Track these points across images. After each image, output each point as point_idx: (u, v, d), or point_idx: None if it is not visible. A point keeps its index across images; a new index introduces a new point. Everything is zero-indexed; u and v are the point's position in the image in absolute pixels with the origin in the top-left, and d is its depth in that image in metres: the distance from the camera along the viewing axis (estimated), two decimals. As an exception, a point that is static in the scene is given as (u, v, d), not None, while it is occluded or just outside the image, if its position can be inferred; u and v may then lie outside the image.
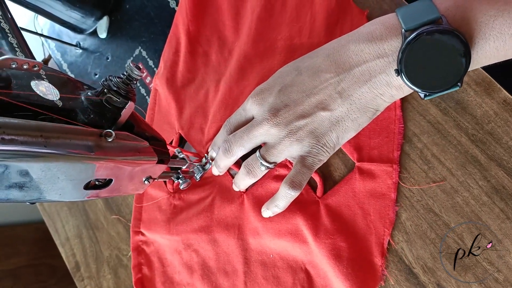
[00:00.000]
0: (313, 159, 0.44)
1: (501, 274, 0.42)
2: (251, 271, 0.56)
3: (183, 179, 0.53)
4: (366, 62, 0.39)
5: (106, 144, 0.35)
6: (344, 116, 0.42)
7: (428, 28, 0.35)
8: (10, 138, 0.27)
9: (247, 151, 0.47)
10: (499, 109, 0.43)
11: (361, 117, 0.42)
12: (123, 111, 0.36)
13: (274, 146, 0.45)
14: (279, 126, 0.44)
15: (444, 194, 0.45)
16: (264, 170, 0.47)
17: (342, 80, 0.41)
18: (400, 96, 0.41)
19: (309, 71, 0.43)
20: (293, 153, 0.45)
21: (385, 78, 0.39)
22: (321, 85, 0.42)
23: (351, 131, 0.43)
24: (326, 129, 0.43)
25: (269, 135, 0.45)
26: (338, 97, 0.41)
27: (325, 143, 0.43)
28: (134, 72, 0.37)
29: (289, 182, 0.45)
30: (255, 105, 0.46)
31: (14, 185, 0.31)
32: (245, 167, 0.48)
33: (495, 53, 0.36)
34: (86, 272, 0.74)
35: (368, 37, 0.39)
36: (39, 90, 0.33)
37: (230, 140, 0.47)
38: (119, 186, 0.41)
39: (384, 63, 0.38)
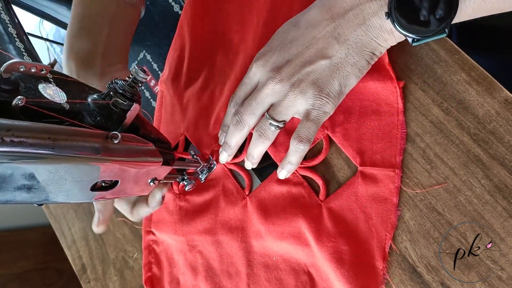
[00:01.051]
0: (318, 111, 0.44)
1: (504, 272, 0.42)
2: (254, 273, 0.56)
3: (188, 181, 0.53)
4: (359, 5, 0.40)
5: (113, 146, 0.36)
6: (343, 62, 0.43)
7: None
8: (19, 140, 0.28)
9: (258, 118, 0.48)
10: (500, 108, 0.44)
11: (360, 61, 0.43)
12: (128, 113, 0.37)
13: (280, 103, 0.46)
14: (282, 82, 0.45)
15: (447, 193, 0.45)
16: (274, 130, 0.47)
17: (338, 26, 0.42)
18: (392, 41, 0.42)
19: (306, 23, 0.44)
20: (299, 107, 0.45)
21: (377, 21, 0.40)
22: (319, 34, 0.43)
23: (352, 77, 0.44)
24: (327, 77, 0.43)
25: (275, 93, 0.45)
26: (335, 43, 0.42)
27: (328, 93, 0.44)
28: (139, 75, 0.38)
29: (296, 137, 0.45)
30: (259, 69, 0.47)
31: (22, 187, 0.32)
32: (256, 131, 0.48)
33: (482, 4, 0.37)
34: (93, 274, 0.74)
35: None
36: (47, 93, 0.34)
37: (239, 110, 0.48)
38: (125, 187, 0.42)
39: (376, 6, 0.39)
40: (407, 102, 0.48)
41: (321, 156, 0.52)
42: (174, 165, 0.47)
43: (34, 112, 0.31)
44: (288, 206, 0.53)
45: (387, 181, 0.48)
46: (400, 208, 0.48)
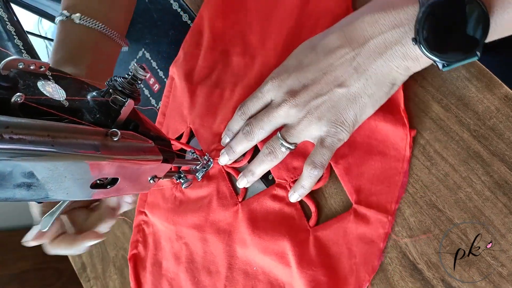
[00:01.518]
0: (332, 138, 0.44)
1: (505, 269, 0.42)
2: (233, 277, 0.57)
3: (184, 179, 0.53)
4: (382, 34, 0.39)
5: (112, 143, 0.36)
6: (361, 92, 0.42)
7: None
8: (18, 138, 0.28)
9: (267, 134, 0.48)
10: (500, 104, 0.44)
11: (378, 92, 0.42)
12: (122, 109, 0.37)
13: (294, 127, 0.46)
14: (297, 107, 0.44)
15: (447, 190, 0.45)
16: (284, 151, 0.47)
17: (357, 55, 0.41)
18: (416, 68, 0.40)
19: (324, 48, 0.43)
20: (313, 133, 0.45)
21: (400, 49, 0.38)
22: (337, 61, 0.42)
23: (369, 108, 0.43)
24: (343, 107, 0.43)
25: (288, 116, 0.45)
26: (354, 73, 0.41)
27: (343, 121, 0.43)
28: (139, 72, 0.38)
29: (310, 162, 0.45)
30: (274, 88, 0.46)
31: (22, 184, 0.32)
32: (267, 148, 0.48)
33: (511, 24, 0.36)
34: (92, 273, 0.74)
35: (382, 7, 0.38)
36: (46, 90, 0.33)
37: (251, 122, 0.48)
38: (125, 185, 0.42)
39: (400, 33, 0.38)
40: (406, 100, 0.48)
41: (319, 183, 0.52)
42: (173, 163, 0.47)
43: (33, 109, 0.31)
44: (277, 224, 0.54)
45: (378, 225, 0.48)
46: (385, 253, 0.48)
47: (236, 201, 0.57)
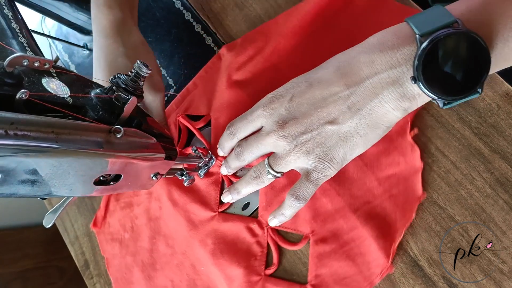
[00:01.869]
0: (319, 174, 0.44)
1: (506, 265, 0.42)
2: (183, 262, 0.63)
3: (186, 176, 0.53)
4: (378, 74, 0.38)
5: (115, 140, 0.36)
6: (353, 132, 0.41)
7: (445, 31, 0.33)
8: (22, 134, 0.28)
9: (256, 157, 0.49)
10: (501, 102, 0.44)
11: (371, 133, 0.41)
12: (126, 106, 0.37)
13: (281, 157, 0.45)
14: (286, 139, 0.44)
15: (448, 187, 0.46)
16: (271, 178, 0.47)
17: (352, 94, 0.40)
18: (413, 108, 0.39)
19: (319, 83, 0.42)
20: (300, 165, 0.45)
21: (397, 90, 0.37)
22: (330, 98, 0.41)
23: (359, 147, 0.42)
24: (333, 144, 0.42)
25: (277, 146, 0.45)
26: (347, 111, 0.40)
27: (331, 159, 0.43)
28: (142, 69, 0.38)
29: (293, 193, 0.45)
30: (265, 115, 0.46)
31: (26, 180, 0.32)
32: (254, 171, 0.48)
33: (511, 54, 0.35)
34: (95, 270, 0.75)
35: (379, 47, 0.37)
36: (50, 87, 0.34)
37: (242, 145, 0.49)
38: (128, 181, 0.42)
39: (397, 73, 0.37)
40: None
41: (299, 245, 0.54)
42: (176, 160, 0.47)
43: (37, 106, 0.31)
44: (240, 253, 0.57)
45: None
46: None
47: (216, 209, 0.59)
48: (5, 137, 0.27)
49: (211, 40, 0.65)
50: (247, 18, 0.61)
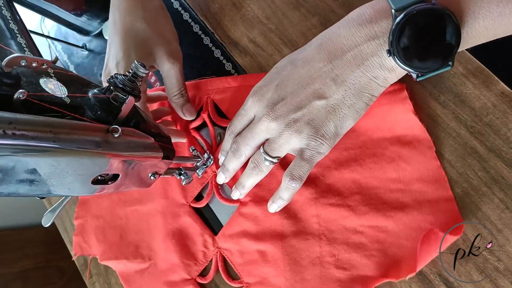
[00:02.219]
0: (312, 151, 0.44)
1: (501, 263, 0.43)
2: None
3: (185, 175, 0.54)
4: (358, 46, 0.40)
5: (113, 139, 0.36)
6: (340, 103, 0.42)
7: (418, 7, 0.35)
8: (20, 133, 0.28)
9: (254, 150, 0.49)
10: (497, 101, 0.44)
11: (357, 103, 0.42)
12: (123, 106, 0.37)
13: (275, 140, 0.46)
14: (277, 120, 0.44)
15: (444, 186, 0.46)
16: (268, 165, 0.48)
17: (335, 67, 0.41)
18: (393, 79, 0.41)
19: (303, 62, 0.44)
20: (294, 146, 0.45)
21: (377, 60, 0.39)
22: (315, 73, 0.42)
23: (349, 119, 0.43)
24: (323, 119, 0.43)
25: (269, 130, 0.46)
26: (332, 84, 0.42)
27: (323, 134, 0.43)
28: (139, 70, 0.38)
29: (289, 174, 0.45)
30: (255, 103, 0.47)
31: (25, 179, 0.32)
32: (252, 162, 0.49)
33: (484, 32, 0.36)
34: (95, 269, 0.75)
35: (358, 21, 0.40)
36: (48, 87, 0.34)
37: (237, 140, 0.49)
38: (126, 181, 0.42)
39: (375, 45, 0.39)
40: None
41: (235, 283, 0.58)
42: (174, 159, 0.47)
43: (35, 105, 0.31)
44: (186, 248, 0.62)
45: None
46: None
47: (190, 201, 0.63)
48: (3, 137, 0.27)
49: (209, 40, 0.65)
50: (245, 18, 0.62)
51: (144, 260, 0.67)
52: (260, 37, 0.60)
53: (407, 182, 0.47)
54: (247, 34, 0.61)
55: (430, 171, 0.46)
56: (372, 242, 0.48)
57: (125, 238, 0.70)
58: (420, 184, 0.47)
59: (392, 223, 0.47)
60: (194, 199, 0.63)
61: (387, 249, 0.48)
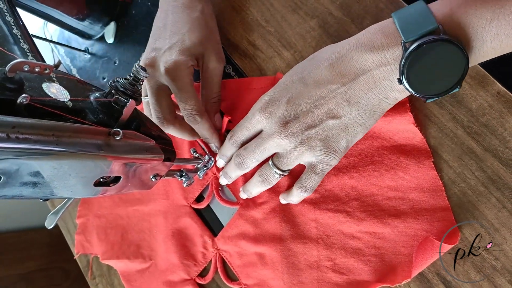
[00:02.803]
0: (324, 165, 0.46)
1: (498, 262, 0.43)
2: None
3: (186, 177, 0.54)
4: (370, 71, 0.41)
5: (114, 142, 0.37)
6: (353, 122, 0.44)
7: (427, 39, 0.36)
8: (24, 137, 0.29)
9: (259, 162, 0.50)
10: (493, 101, 0.44)
11: (369, 121, 0.44)
12: (124, 109, 0.38)
13: (286, 156, 0.47)
14: (290, 138, 0.46)
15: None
16: (278, 177, 0.50)
17: (349, 89, 0.43)
18: (403, 97, 0.42)
19: (315, 82, 0.45)
20: (305, 160, 0.47)
21: (388, 84, 0.41)
22: (329, 95, 0.44)
23: (359, 135, 0.45)
24: (336, 136, 0.44)
25: (280, 146, 0.47)
26: (346, 105, 0.43)
27: (335, 150, 0.45)
28: (140, 73, 0.39)
29: (300, 186, 0.48)
30: (263, 119, 0.47)
31: (28, 182, 0.33)
32: (259, 176, 0.51)
33: (492, 52, 0.37)
34: (98, 271, 0.76)
35: (369, 47, 0.40)
36: (50, 91, 0.35)
37: (242, 154, 0.50)
38: (128, 183, 0.43)
39: (387, 71, 0.40)
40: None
41: (234, 284, 0.59)
42: (175, 161, 0.48)
43: (38, 110, 0.32)
44: (185, 248, 0.63)
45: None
46: None
47: (191, 203, 0.64)
48: (7, 141, 0.28)
49: (210, 43, 0.66)
50: (244, 21, 0.62)
51: (145, 260, 0.67)
52: (260, 40, 0.60)
53: (404, 190, 0.48)
54: (247, 37, 0.62)
55: (427, 181, 0.47)
56: (369, 248, 0.49)
57: (127, 238, 0.70)
58: (417, 192, 0.47)
59: (389, 229, 0.48)
60: (195, 200, 0.64)
61: (384, 255, 0.48)
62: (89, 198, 0.76)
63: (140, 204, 0.70)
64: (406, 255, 0.47)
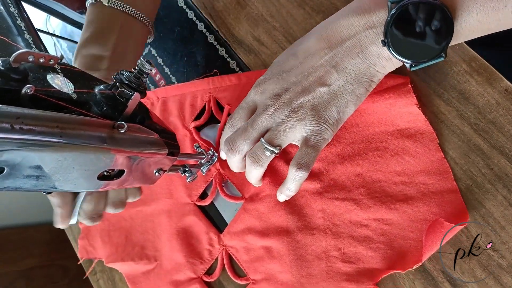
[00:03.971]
0: (317, 137, 0.45)
1: (504, 260, 0.43)
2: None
3: (189, 173, 0.54)
4: (357, 34, 0.41)
5: (119, 135, 0.37)
6: (342, 89, 0.43)
7: (412, 0, 0.36)
8: (28, 128, 0.28)
9: (252, 144, 0.48)
10: (501, 98, 0.44)
11: (358, 88, 0.43)
12: (129, 102, 0.37)
13: (278, 128, 0.46)
14: (281, 108, 0.45)
15: (448, 183, 0.46)
16: (269, 155, 0.47)
17: (336, 55, 0.43)
18: (391, 67, 0.42)
19: (305, 53, 0.45)
20: (297, 134, 0.46)
21: (375, 49, 0.41)
22: (317, 63, 0.44)
23: (350, 105, 0.44)
24: (326, 104, 0.44)
25: (272, 118, 0.46)
26: (334, 71, 0.43)
27: (326, 119, 0.44)
28: (145, 66, 0.38)
29: (296, 164, 0.45)
30: (257, 95, 0.48)
31: (31, 174, 0.32)
32: (249, 157, 0.48)
33: (478, 25, 0.37)
34: (99, 266, 0.75)
35: (356, 11, 0.41)
36: (55, 83, 0.34)
37: (231, 137, 0.49)
38: (131, 177, 0.43)
39: (373, 34, 0.40)
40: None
41: (242, 280, 0.59)
42: (178, 156, 0.47)
43: (42, 101, 0.32)
44: (191, 246, 0.63)
45: None
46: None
47: (195, 200, 0.63)
48: (11, 131, 0.27)
49: (214, 38, 0.66)
50: (249, 16, 0.62)
51: (150, 261, 0.67)
52: (265, 35, 0.60)
53: (411, 174, 0.48)
54: (252, 32, 0.61)
55: (433, 163, 0.46)
56: (378, 235, 0.49)
57: (131, 240, 0.70)
58: (424, 176, 0.47)
59: (397, 215, 0.48)
60: (199, 198, 0.63)
61: (393, 241, 0.48)
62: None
63: (143, 205, 0.69)
64: (415, 240, 0.47)
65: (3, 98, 0.29)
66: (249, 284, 0.57)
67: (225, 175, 0.60)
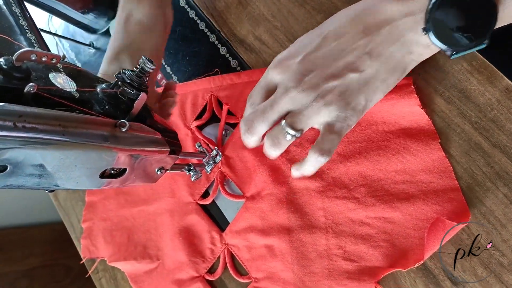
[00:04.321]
0: (342, 124, 0.42)
1: (505, 258, 0.43)
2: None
3: (194, 171, 0.54)
4: (395, 21, 0.39)
5: (120, 134, 0.37)
6: (373, 77, 0.41)
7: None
8: (30, 126, 0.29)
9: (270, 126, 0.44)
10: (501, 97, 0.44)
11: (390, 78, 0.42)
12: (135, 102, 0.38)
13: (301, 112, 0.42)
14: (306, 91, 0.41)
15: (448, 181, 0.46)
16: (290, 139, 0.43)
17: (370, 41, 0.40)
18: (428, 54, 0.41)
19: (334, 35, 0.42)
20: (321, 119, 0.42)
21: (413, 37, 0.39)
22: (349, 47, 0.41)
23: (379, 93, 0.42)
24: (355, 91, 0.41)
25: (295, 101, 0.42)
26: (367, 58, 0.41)
27: (354, 107, 0.42)
28: (146, 65, 0.38)
29: (318, 149, 0.42)
30: (278, 74, 0.44)
31: (34, 172, 0.32)
32: (268, 139, 0.44)
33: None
34: (101, 265, 0.76)
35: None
36: (57, 82, 0.34)
37: (249, 118, 0.45)
38: (133, 175, 0.43)
39: (412, 21, 0.38)
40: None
41: (244, 278, 0.59)
42: (180, 155, 0.48)
43: (45, 99, 0.32)
44: (193, 245, 0.63)
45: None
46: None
47: (197, 199, 0.64)
48: (13, 130, 0.27)
49: (215, 38, 0.66)
50: (251, 16, 0.62)
51: (152, 260, 0.67)
52: (266, 34, 0.60)
53: (412, 173, 0.48)
54: (253, 31, 0.62)
55: (435, 162, 0.47)
56: (379, 233, 0.49)
57: (133, 239, 0.70)
58: (425, 174, 0.47)
59: (398, 213, 0.48)
60: (201, 197, 0.63)
61: (394, 239, 0.48)
62: (94, 201, 0.76)
63: (145, 204, 0.70)
64: (417, 238, 0.47)
65: (5, 96, 0.29)
66: (251, 282, 0.57)
67: (226, 174, 0.60)
